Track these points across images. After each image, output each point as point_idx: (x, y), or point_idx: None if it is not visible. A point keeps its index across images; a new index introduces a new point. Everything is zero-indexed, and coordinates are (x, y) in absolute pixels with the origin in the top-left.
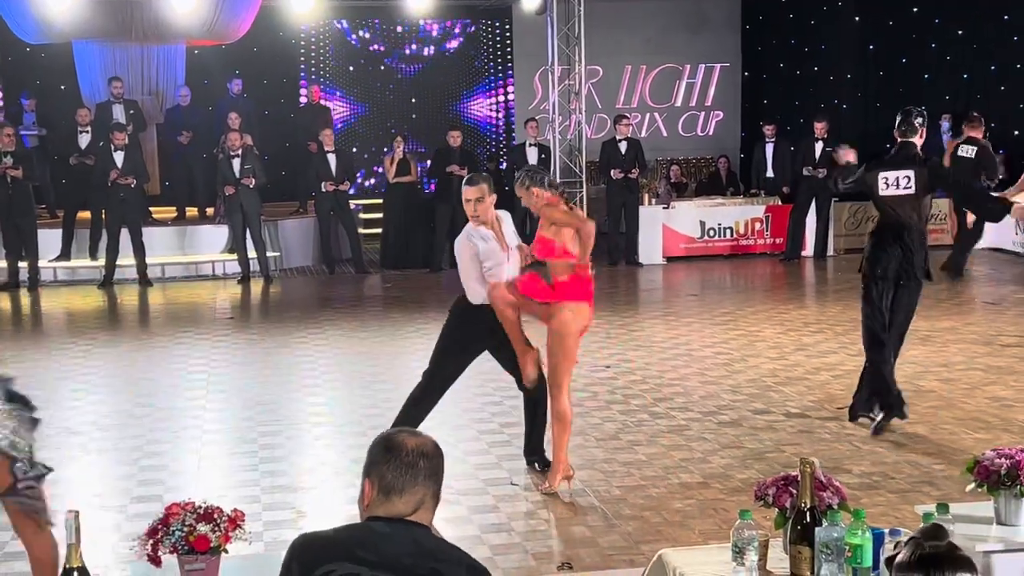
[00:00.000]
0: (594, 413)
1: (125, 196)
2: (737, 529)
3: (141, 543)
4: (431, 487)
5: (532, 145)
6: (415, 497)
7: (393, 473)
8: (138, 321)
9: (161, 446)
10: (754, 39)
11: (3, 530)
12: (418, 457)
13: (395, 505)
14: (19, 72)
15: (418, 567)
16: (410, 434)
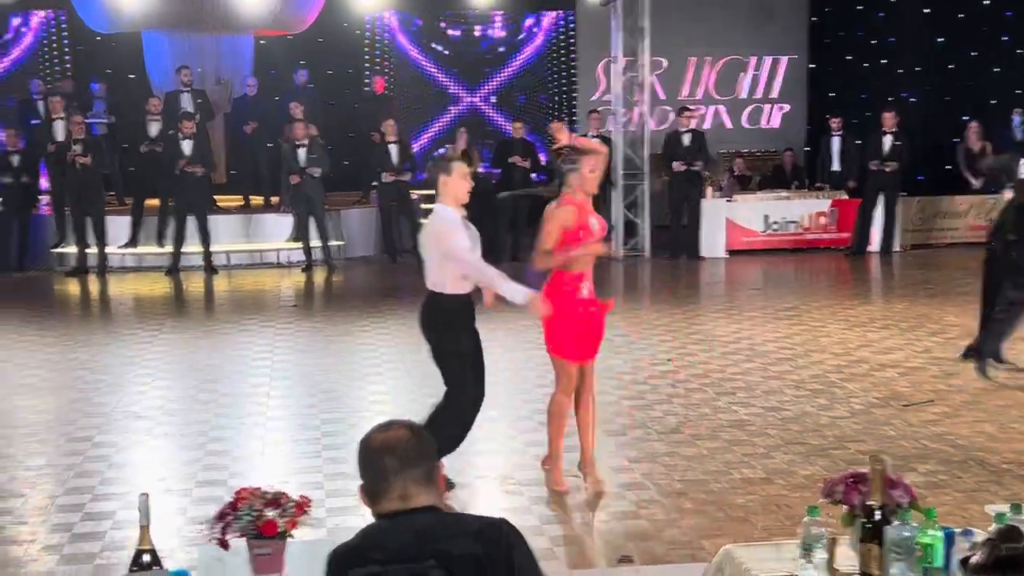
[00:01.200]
0: (655, 407)
1: (192, 184)
2: (805, 526)
3: (210, 527)
4: (411, 473)
5: (594, 137)
6: (396, 492)
7: (368, 478)
8: (203, 308)
9: (225, 431)
10: (821, 31)
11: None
12: (381, 455)
13: (385, 504)
14: (89, 61)
15: (423, 553)
16: (378, 431)
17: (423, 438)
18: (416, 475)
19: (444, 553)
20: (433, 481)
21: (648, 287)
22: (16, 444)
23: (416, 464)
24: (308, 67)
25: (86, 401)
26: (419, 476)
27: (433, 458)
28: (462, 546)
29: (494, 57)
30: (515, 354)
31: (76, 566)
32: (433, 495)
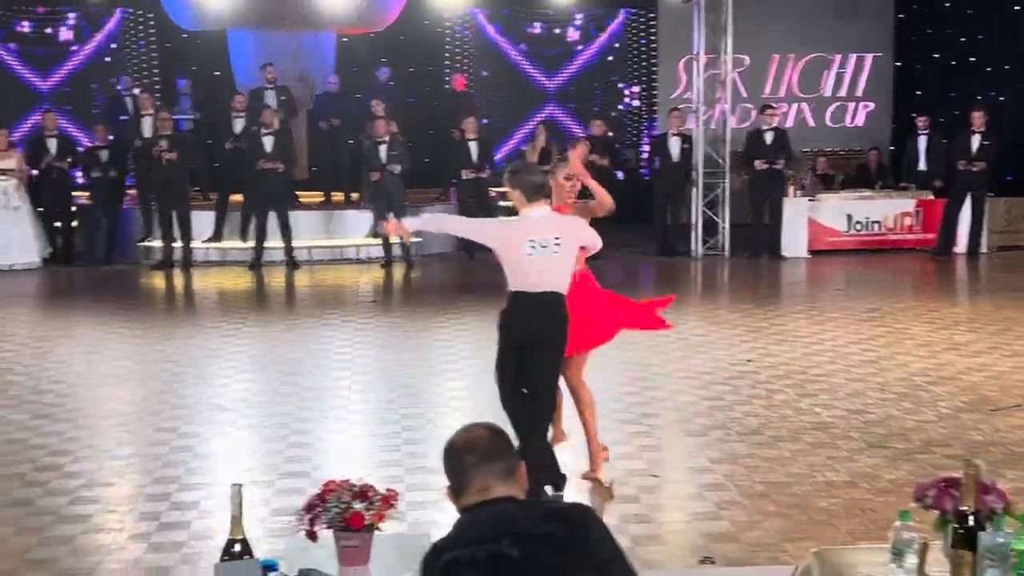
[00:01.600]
0: (736, 407)
1: (272, 180)
2: (897, 531)
3: (298, 518)
4: (490, 468)
5: (675, 135)
6: (476, 486)
7: (451, 476)
8: (285, 302)
9: (307, 424)
10: (908, 28)
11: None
12: (463, 454)
13: (467, 499)
14: (175, 58)
15: (499, 534)
16: (460, 433)
17: (502, 437)
18: (495, 470)
19: (520, 533)
20: (513, 476)
21: (727, 286)
22: (104, 434)
23: (495, 460)
24: (390, 65)
25: (172, 392)
26: (498, 471)
27: (512, 455)
28: (538, 526)
29: (573, 54)
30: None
31: (163, 554)
32: (513, 489)
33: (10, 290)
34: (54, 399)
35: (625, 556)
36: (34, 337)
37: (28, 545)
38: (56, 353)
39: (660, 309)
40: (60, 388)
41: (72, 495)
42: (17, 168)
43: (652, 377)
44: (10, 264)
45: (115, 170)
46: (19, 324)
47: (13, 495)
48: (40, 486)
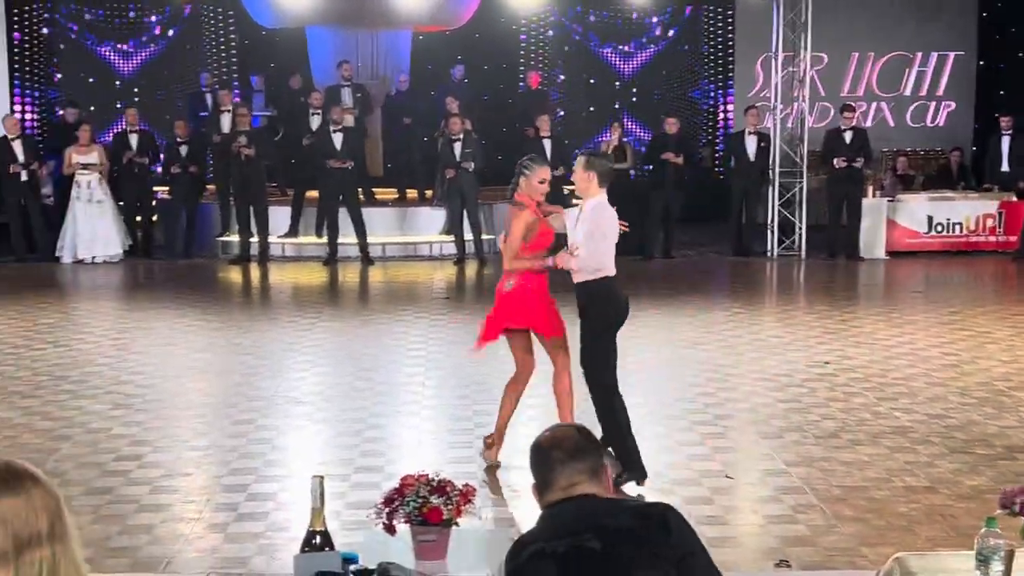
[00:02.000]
0: (813, 410)
1: (342, 177)
2: (983, 537)
3: (377, 512)
4: (576, 465)
5: (751, 133)
6: (561, 483)
7: (537, 472)
8: (359, 298)
9: (381, 419)
10: (991, 27)
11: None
12: (550, 450)
13: (552, 494)
14: (254, 55)
15: (582, 527)
16: (547, 431)
17: (589, 437)
18: (581, 467)
19: (602, 527)
20: (598, 476)
21: (803, 288)
22: (183, 424)
23: (581, 458)
24: (464, 62)
25: (248, 385)
26: (584, 469)
27: (598, 456)
28: (620, 521)
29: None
30: (666, 352)
31: (240, 545)
32: (597, 488)
33: (92, 282)
34: (134, 390)
35: (706, 552)
36: (115, 329)
37: (109, 533)
38: (136, 345)
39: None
40: (140, 379)
41: (152, 484)
42: (99, 163)
43: (727, 378)
44: (92, 256)
45: (194, 165)
46: (100, 316)
47: (94, 484)
48: (121, 475)
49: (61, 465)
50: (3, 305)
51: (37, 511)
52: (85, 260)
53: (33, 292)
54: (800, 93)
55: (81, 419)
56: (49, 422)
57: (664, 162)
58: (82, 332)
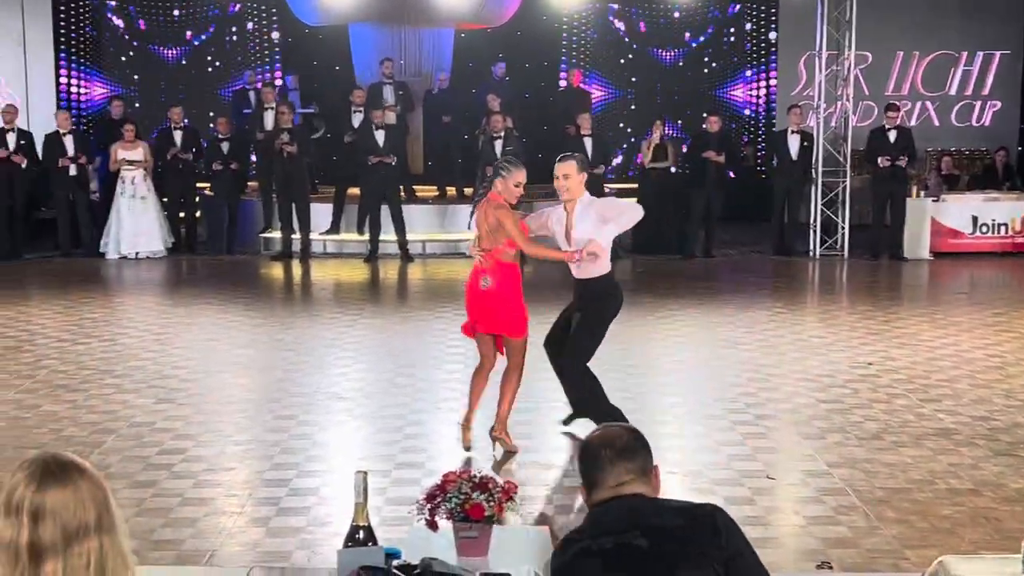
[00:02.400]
0: (855, 411)
1: (384, 174)
2: None
3: (419, 508)
4: (625, 464)
5: (794, 132)
6: (610, 481)
7: (586, 471)
8: (400, 295)
9: (422, 415)
10: None
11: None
12: (600, 448)
13: (600, 493)
14: (297, 53)
15: (629, 526)
16: (598, 431)
17: (639, 437)
18: (630, 467)
19: (649, 526)
20: (647, 475)
21: (846, 288)
22: (226, 419)
23: (630, 458)
24: (505, 60)
25: (290, 381)
26: (633, 468)
27: (647, 456)
28: (666, 519)
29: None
30: (706, 351)
31: (282, 539)
32: (646, 487)
33: (135, 278)
34: (178, 384)
35: (755, 553)
36: (158, 324)
37: (153, 526)
38: (179, 340)
39: None
40: (183, 374)
41: (195, 478)
42: (144, 159)
43: (768, 378)
44: (135, 252)
45: (236, 162)
46: (144, 311)
47: (138, 477)
48: (165, 469)
49: (106, 458)
50: (49, 299)
51: (85, 503)
52: (128, 256)
53: (78, 287)
54: (844, 92)
55: (125, 413)
56: (94, 416)
57: (705, 160)
58: (126, 327)
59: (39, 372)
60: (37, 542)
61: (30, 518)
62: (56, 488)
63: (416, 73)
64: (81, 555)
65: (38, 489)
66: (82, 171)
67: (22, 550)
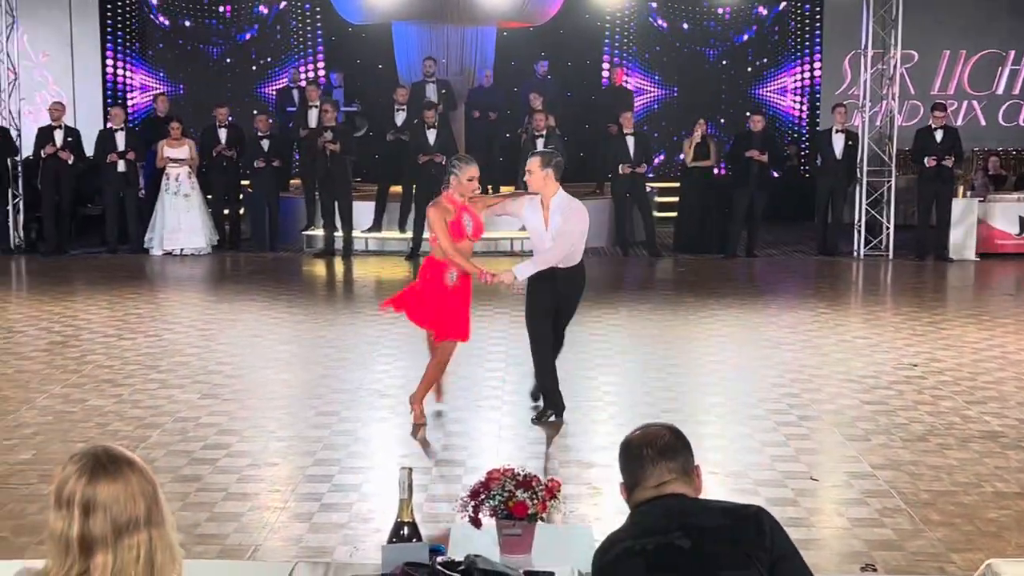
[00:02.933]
0: (900, 413)
1: (434, 173)
2: None
3: (463, 504)
4: (667, 464)
5: (839, 131)
6: (652, 480)
7: (627, 470)
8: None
9: (463, 413)
10: None
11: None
12: (641, 448)
13: (641, 493)
14: (340, 51)
15: (671, 526)
16: (639, 430)
17: (680, 436)
18: (672, 466)
19: (691, 525)
20: (688, 475)
21: (891, 288)
22: (269, 415)
23: (671, 457)
24: (548, 58)
25: (333, 377)
26: (675, 468)
27: (689, 455)
28: (709, 519)
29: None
30: (749, 351)
31: (325, 535)
32: (688, 487)
33: (180, 274)
34: (221, 380)
35: (800, 555)
36: (202, 319)
37: (197, 520)
38: (223, 335)
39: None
40: (227, 369)
41: (239, 473)
42: (189, 157)
43: (812, 379)
44: (179, 249)
45: (277, 159)
46: (188, 307)
47: (183, 472)
48: (209, 464)
49: (151, 453)
50: (96, 295)
51: (135, 496)
52: (173, 252)
53: (124, 283)
54: (889, 91)
55: (170, 408)
56: (139, 410)
57: (748, 160)
58: (171, 323)
59: (85, 367)
60: (88, 534)
61: (81, 511)
62: (107, 481)
63: (459, 72)
64: (131, 548)
65: (89, 482)
66: (131, 167)
67: (73, 542)
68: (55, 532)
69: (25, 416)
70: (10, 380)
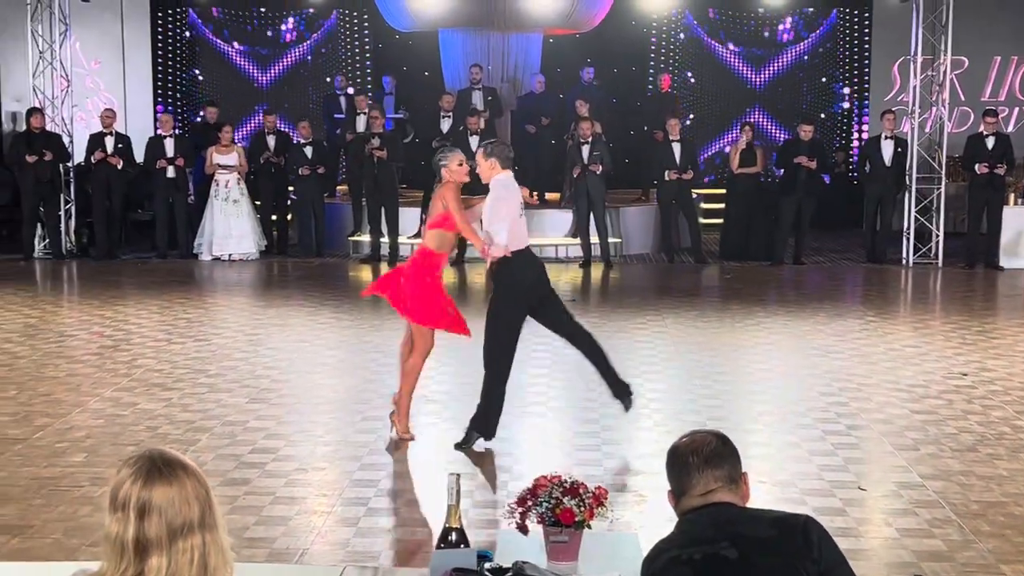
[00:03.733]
0: (950, 422)
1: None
2: None
3: (510, 511)
4: (713, 472)
5: (888, 138)
6: (698, 488)
7: (674, 478)
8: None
9: (508, 418)
10: None
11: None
12: (687, 455)
13: (688, 501)
14: (387, 58)
15: (718, 536)
16: (686, 437)
17: (727, 443)
18: (719, 474)
19: (739, 535)
20: (736, 483)
21: (940, 297)
22: (316, 419)
23: (718, 465)
24: (594, 65)
25: (379, 382)
26: (722, 476)
27: (736, 463)
28: (757, 529)
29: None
30: (796, 359)
31: (371, 539)
32: (735, 496)
33: (228, 279)
34: (269, 384)
35: (848, 564)
36: (250, 324)
37: (246, 523)
38: (271, 340)
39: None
40: (275, 374)
41: (287, 477)
42: (238, 163)
43: (860, 388)
44: (228, 254)
45: (322, 166)
46: (236, 312)
47: (231, 475)
48: (258, 467)
49: (200, 456)
50: (146, 300)
51: (189, 500)
52: (222, 257)
53: (174, 288)
54: (939, 97)
55: (219, 412)
56: (188, 414)
57: (797, 167)
58: (220, 327)
59: (135, 371)
60: (143, 537)
61: (136, 514)
62: (162, 485)
63: (504, 78)
64: (185, 551)
65: (144, 485)
66: (181, 173)
67: (128, 545)
68: (110, 534)
69: (76, 419)
70: (62, 383)
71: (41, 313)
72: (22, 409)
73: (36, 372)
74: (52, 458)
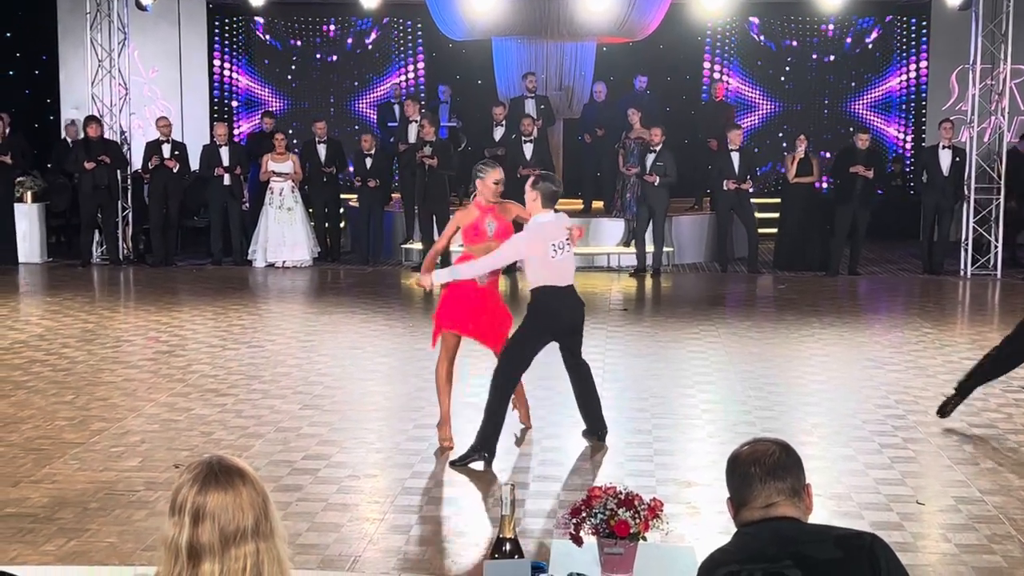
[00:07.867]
0: (1009, 437)
1: None
2: None
3: (564, 522)
4: (776, 484)
5: (945, 147)
6: (760, 500)
7: (735, 488)
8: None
9: (559, 428)
10: None
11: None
12: (749, 465)
13: (749, 512)
14: (441, 67)
15: (781, 554)
16: (746, 445)
17: (791, 453)
18: (781, 487)
19: (802, 555)
20: (798, 495)
21: (998, 309)
22: (368, 426)
23: (781, 477)
24: (647, 73)
25: (431, 390)
26: (784, 488)
27: (800, 474)
28: (822, 550)
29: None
30: (852, 371)
31: (422, 547)
32: (797, 509)
33: (282, 286)
34: (322, 391)
35: None
36: (303, 331)
37: (299, 530)
38: (324, 347)
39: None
40: (328, 381)
41: (339, 484)
42: (292, 171)
43: (917, 400)
44: (282, 261)
45: (374, 179)
46: (290, 318)
47: (284, 481)
48: (310, 474)
49: (254, 462)
50: (201, 306)
51: (244, 508)
52: (276, 264)
53: (228, 294)
54: (998, 106)
55: (272, 418)
56: (242, 420)
57: (852, 176)
58: (273, 334)
59: (190, 376)
60: (195, 542)
61: (191, 518)
62: (217, 491)
63: (559, 87)
64: (238, 558)
65: (200, 491)
66: (236, 181)
67: (182, 549)
68: (167, 538)
69: (132, 424)
70: (118, 388)
71: (98, 319)
72: (79, 413)
73: (93, 377)
74: (108, 462)
